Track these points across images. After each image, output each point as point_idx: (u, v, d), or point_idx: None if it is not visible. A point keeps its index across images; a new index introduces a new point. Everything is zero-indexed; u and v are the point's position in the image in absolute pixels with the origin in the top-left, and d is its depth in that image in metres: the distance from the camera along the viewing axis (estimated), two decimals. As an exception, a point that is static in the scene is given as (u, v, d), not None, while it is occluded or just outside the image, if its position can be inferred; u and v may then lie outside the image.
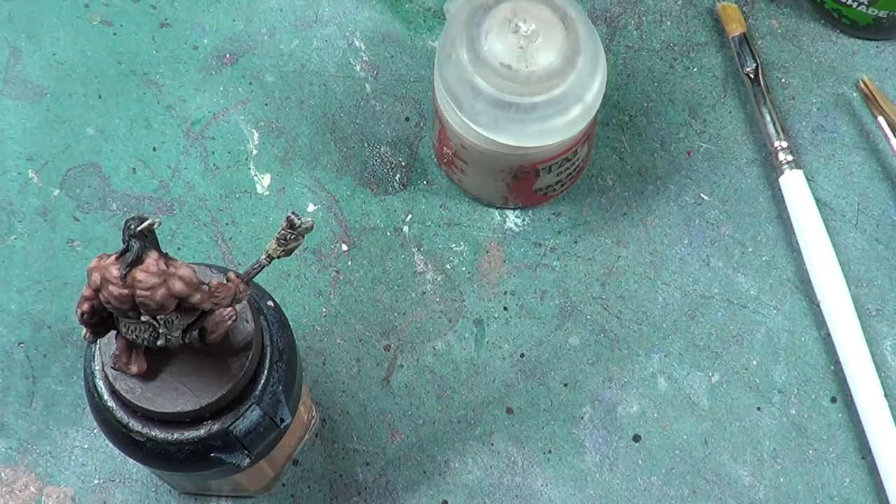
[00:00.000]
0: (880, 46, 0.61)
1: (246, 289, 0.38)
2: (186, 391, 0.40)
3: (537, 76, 0.50)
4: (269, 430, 0.42)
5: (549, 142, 0.52)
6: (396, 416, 0.54)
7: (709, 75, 0.60)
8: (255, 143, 0.59)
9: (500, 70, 0.50)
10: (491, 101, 0.50)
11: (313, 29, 0.61)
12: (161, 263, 0.36)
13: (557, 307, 0.56)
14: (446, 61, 0.51)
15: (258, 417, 0.41)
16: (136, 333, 0.38)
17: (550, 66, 0.50)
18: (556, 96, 0.50)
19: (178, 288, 0.36)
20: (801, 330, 0.56)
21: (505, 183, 0.55)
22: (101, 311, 0.38)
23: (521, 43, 0.50)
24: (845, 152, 0.59)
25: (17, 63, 0.60)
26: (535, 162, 0.53)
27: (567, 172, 0.55)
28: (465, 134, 0.52)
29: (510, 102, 0.50)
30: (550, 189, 0.56)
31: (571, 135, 0.52)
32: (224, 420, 0.41)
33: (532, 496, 0.53)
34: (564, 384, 0.55)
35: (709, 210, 0.58)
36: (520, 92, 0.50)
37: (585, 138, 0.54)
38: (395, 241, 0.57)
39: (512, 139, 0.51)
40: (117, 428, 0.41)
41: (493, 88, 0.50)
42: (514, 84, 0.50)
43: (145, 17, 0.61)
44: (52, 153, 0.59)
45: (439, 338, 0.56)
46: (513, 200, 0.57)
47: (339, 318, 0.56)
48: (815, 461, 0.54)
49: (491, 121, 0.51)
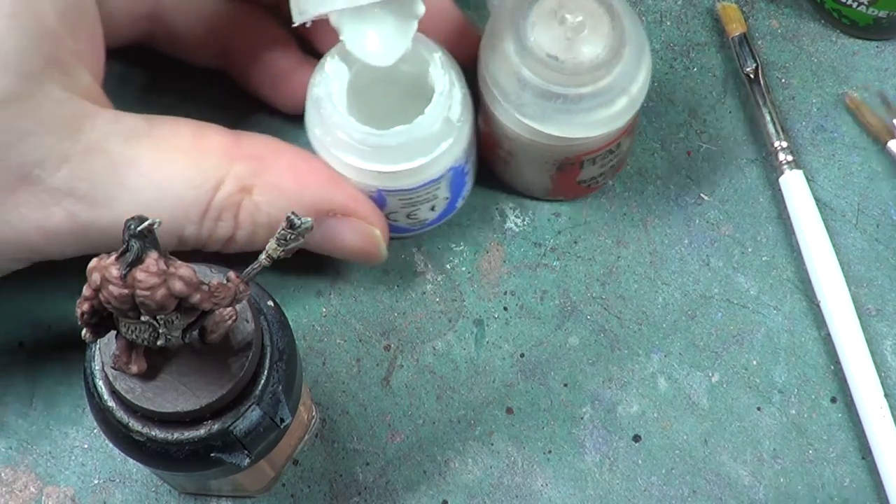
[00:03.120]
0: (880, 46, 0.61)
1: (246, 289, 0.38)
2: (187, 391, 0.40)
3: (584, 67, 0.50)
4: (269, 430, 0.42)
5: (595, 133, 0.52)
6: (396, 416, 0.54)
7: (709, 75, 0.60)
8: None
9: (546, 61, 0.50)
10: (537, 92, 0.51)
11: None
12: (161, 263, 0.36)
13: (557, 307, 0.56)
14: (492, 53, 0.52)
15: (258, 417, 0.41)
16: (136, 333, 0.38)
17: (597, 57, 0.50)
18: (602, 88, 0.50)
19: (178, 288, 0.36)
20: (801, 330, 0.56)
21: (549, 175, 0.55)
22: (101, 311, 0.38)
23: (567, 34, 0.50)
24: (845, 152, 0.59)
25: (17, 63, 0.60)
26: (579, 153, 0.53)
27: (610, 164, 0.55)
28: (510, 125, 0.52)
29: (557, 93, 0.50)
30: (594, 181, 0.56)
31: (617, 126, 0.52)
32: (224, 420, 0.41)
33: (532, 496, 0.53)
34: (564, 384, 0.55)
35: (709, 210, 0.58)
36: (566, 83, 0.50)
37: (629, 130, 0.54)
38: (394, 241, 0.57)
39: (558, 130, 0.51)
40: (117, 428, 0.41)
41: (539, 79, 0.50)
42: (560, 75, 0.50)
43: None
44: (52, 153, 0.58)
45: (439, 338, 0.56)
46: (556, 192, 0.57)
47: (339, 318, 0.56)
48: (815, 461, 0.54)
49: (537, 112, 0.51)
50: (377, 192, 0.52)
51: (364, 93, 0.53)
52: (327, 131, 0.51)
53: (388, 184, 0.52)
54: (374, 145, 0.51)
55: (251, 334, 0.40)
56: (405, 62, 0.51)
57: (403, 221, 0.55)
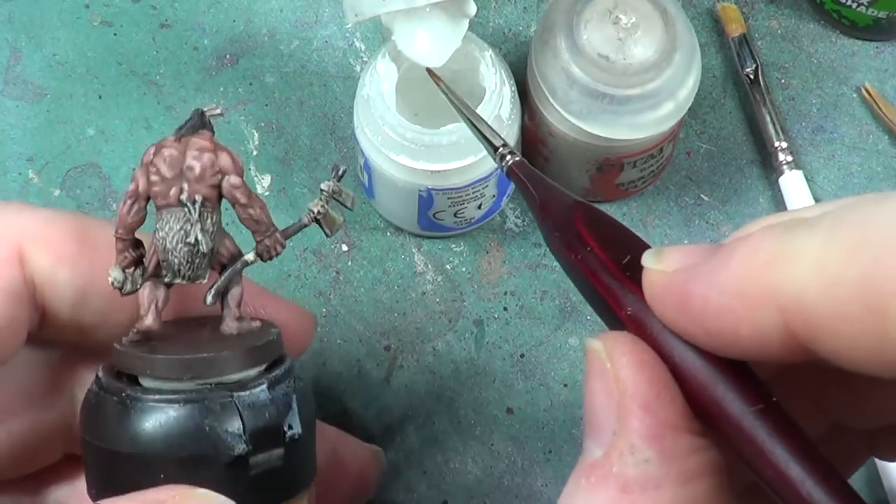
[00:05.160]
0: (880, 47, 0.61)
1: (282, 241, 0.39)
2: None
3: (633, 69, 0.50)
4: (273, 429, 0.38)
5: (639, 136, 0.52)
6: (396, 416, 0.54)
7: (709, 75, 0.60)
8: (255, 143, 0.59)
9: (597, 60, 0.50)
10: (585, 90, 0.51)
11: (313, 29, 0.61)
12: (215, 140, 0.38)
13: (557, 307, 0.56)
14: (543, 48, 0.52)
15: (265, 399, 0.38)
16: (168, 227, 0.37)
17: (647, 59, 0.50)
18: (650, 90, 0.51)
19: (224, 160, 0.38)
20: (801, 330, 0.56)
21: (588, 174, 0.55)
22: (140, 215, 0.38)
23: (619, 35, 0.51)
24: (845, 152, 0.59)
25: (18, 63, 0.60)
26: (621, 155, 0.53)
27: (650, 169, 0.55)
28: (555, 122, 0.53)
29: (604, 93, 0.50)
30: (632, 185, 0.56)
31: (661, 131, 0.52)
32: (229, 387, 0.37)
33: (532, 496, 0.53)
34: (564, 384, 0.55)
35: (709, 210, 0.58)
36: (615, 83, 0.50)
37: (672, 137, 0.54)
38: (395, 241, 0.57)
39: (603, 130, 0.51)
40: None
41: (588, 78, 0.51)
42: (610, 75, 0.50)
43: (146, 17, 0.61)
44: (52, 153, 0.59)
45: (439, 338, 0.56)
46: (593, 193, 0.57)
47: (339, 318, 0.56)
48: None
49: (584, 110, 0.51)
50: (426, 191, 0.52)
51: (410, 91, 0.53)
52: (377, 131, 0.51)
53: (437, 182, 0.52)
54: (424, 144, 0.51)
55: (273, 334, 0.40)
56: (454, 61, 0.51)
57: (449, 220, 0.55)
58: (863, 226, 0.27)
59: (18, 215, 0.39)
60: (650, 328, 0.31)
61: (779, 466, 0.28)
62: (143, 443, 0.37)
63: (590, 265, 0.33)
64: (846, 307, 0.27)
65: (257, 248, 0.39)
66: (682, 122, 0.54)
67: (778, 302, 0.28)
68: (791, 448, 0.28)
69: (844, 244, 0.27)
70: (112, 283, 0.38)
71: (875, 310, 0.26)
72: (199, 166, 0.37)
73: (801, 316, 0.27)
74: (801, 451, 0.28)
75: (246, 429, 0.37)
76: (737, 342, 0.29)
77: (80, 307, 0.39)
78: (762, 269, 0.28)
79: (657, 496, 0.29)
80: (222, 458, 0.37)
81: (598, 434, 0.31)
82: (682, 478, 0.30)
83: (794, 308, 0.28)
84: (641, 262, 0.31)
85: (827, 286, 0.27)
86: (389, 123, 0.51)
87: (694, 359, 0.30)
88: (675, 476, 0.29)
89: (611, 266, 0.32)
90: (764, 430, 0.29)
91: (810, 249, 0.27)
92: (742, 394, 0.29)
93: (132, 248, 0.39)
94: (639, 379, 0.30)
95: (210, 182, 0.38)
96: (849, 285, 0.27)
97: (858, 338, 0.27)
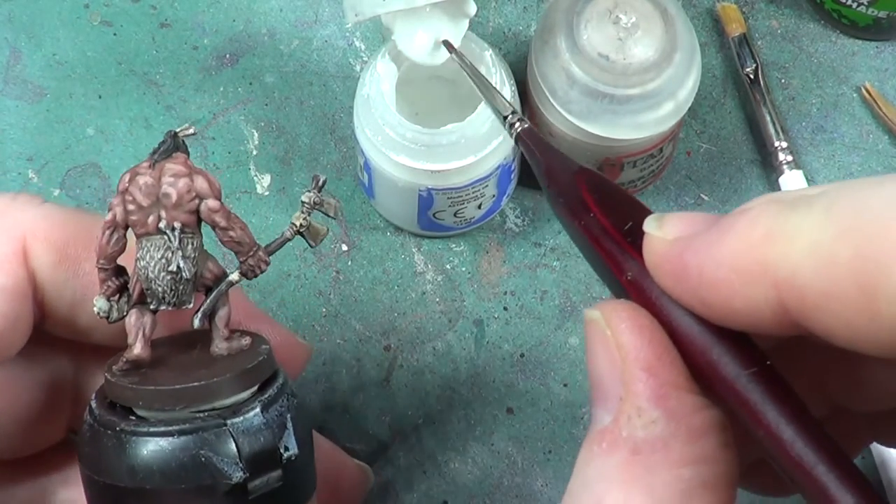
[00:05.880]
0: (880, 47, 0.61)
1: (266, 259, 0.38)
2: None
3: (633, 69, 0.50)
4: (268, 450, 0.37)
5: (640, 136, 0.52)
6: (396, 416, 0.54)
7: (709, 75, 0.60)
8: (255, 143, 0.59)
9: (597, 60, 0.50)
10: (585, 90, 0.51)
11: (313, 29, 0.61)
12: (190, 163, 0.37)
13: (557, 307, 0.56)
14: (542, 48, 0.52)
15: (259, 423, 0.38)
16: (149, 256, 0.37)
17: (647, 59, 0.50)
18: (650, 90, 0.51)
19: (200, 184, 0.37)
20: (801, 330, 0.56)
21: None
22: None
23: (620, 35, 0.51)
24: (845, 152, 0.59)
25: (18, 63, 0.60)
26: (621, 155, 0.53)
27: (650, 169, 0.55)
28: (555, 121, 0.53)
29: (604, 93, 0.51)
30: (632, 184, 0.56)
31: (661, 130, 0.52)
32: (222, 413, 0.37)
33: (532, 496, 0.53)
34: (564, 384, 0.55)
35: (709, 210, 0.58)
36: (615, 83, 0.50)
37: (672, 136, 0.54)
38: (395, 241, 0.57)
39: (603, 130, 0.51)
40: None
41: (588, 78, 0.51)
42: (610, 75, 0.50)
43: (145, 17, 0.61)
44: (52, 153, 0.59)
45: (439, 338, 0.56)
46: None
47: (339, 318, 0.56)
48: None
49: (584, 110, 0.51)
50: (426, 191, 0.52)
51: (410, 91, 0.53)
52: (377, 131, 0.51)
53: (437, 182, 0.52)
54: (424, 144, 0.51)
55: (264, 352, 0.39)
56: (454, 60, 0.51)
57: (449, 220, 0.55)
58: (858, 207, 0.27)
59: (24, 210, 0.39)
60: (650, 293, 0.31)
61: (771, 427, 0.29)
62: (141, 477, 0.37)
63: (592, 231, 0.33)
64: (839, 286, 0.27)
65: (241, 268, 0.39)
66: (682, 122, 0.54)
67: (772, 278, 0.28)
68: (783, 410, 0.29)
69: (839, 224, 0.27)
70: (98, 312, 0.38)
71: (867, 289, 0.27)
72: (175, 193, 0.37)
73: (794, 293, 0.28)
74: (793, 413, 0.29)
75: (242, 455, 0.37)
76: (730, 314, 0.29)
77: (77, 308, 0.39)
78: (758, 246, 0.29)
79: (666, 455, 0.30)
80: (220, 487, 0.37)
81: (605, 401, 0.31)
82: (688, 436, 0.30)
83: (788, 285, 0.28)
84: (643, 228, 0.31)
85: (821, 265, 0.27)
86: (389, 123, 0.51)
87: (691, 324, 0.31)
88: (683, 435, 0.30)
89: (613, 232, 0.33)
90: (758, 392, 0.29)
91: (806, 228, 0.28)
92: (737, 357, 0.30)
93: (115, 276, 0.38)
94: (639, 343, 0.31)
95: (188, 208, 0.37)
96: (842, 265, 0.27)
97: (851, 317, 0.27)
